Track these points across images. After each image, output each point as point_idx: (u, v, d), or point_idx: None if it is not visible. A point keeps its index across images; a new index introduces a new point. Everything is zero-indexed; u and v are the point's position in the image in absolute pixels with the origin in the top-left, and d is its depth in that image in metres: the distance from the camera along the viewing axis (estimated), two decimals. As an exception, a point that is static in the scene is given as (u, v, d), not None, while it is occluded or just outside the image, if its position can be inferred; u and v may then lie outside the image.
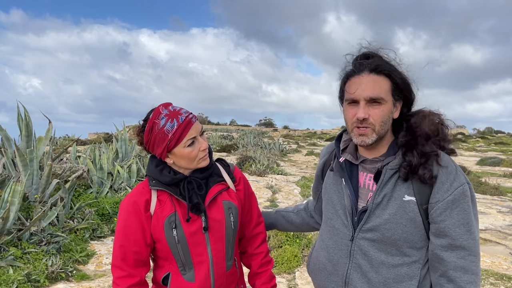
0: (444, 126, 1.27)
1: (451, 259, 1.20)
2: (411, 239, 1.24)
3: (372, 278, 1.27)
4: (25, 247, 3.89)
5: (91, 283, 3.67)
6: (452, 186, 1.18)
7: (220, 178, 1.43)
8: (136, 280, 1.33)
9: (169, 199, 1.34)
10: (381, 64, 1.23)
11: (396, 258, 1.26)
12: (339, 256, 1.34)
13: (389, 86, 1.23)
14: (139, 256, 1.34)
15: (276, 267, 4.10)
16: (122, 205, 1.36)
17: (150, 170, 1.37)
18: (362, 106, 1.22)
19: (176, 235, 1.31)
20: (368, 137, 1.23)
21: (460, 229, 1.18)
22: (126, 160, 8.08)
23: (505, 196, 9.09)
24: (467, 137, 40.55)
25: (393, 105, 1.25)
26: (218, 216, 1.37)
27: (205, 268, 1.35)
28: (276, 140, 25.96)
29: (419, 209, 1.21)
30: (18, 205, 4.08)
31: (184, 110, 1.33)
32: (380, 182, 1.24)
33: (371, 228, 1.26)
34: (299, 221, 1.70)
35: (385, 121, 1.23)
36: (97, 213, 5.30)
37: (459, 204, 1.18)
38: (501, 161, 17.20)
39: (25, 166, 4.84)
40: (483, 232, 5.85)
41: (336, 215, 1.37)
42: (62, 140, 19.47)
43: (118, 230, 1.35)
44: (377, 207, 1.25)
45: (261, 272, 1.54)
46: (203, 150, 1.34)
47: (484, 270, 4.27)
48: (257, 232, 1.56)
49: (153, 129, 1.30)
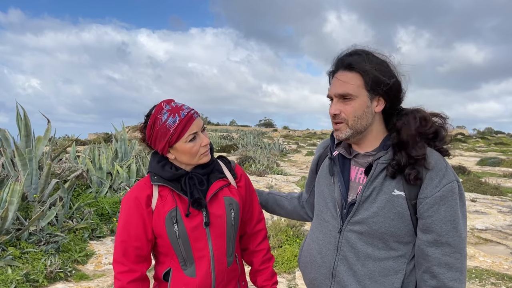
0: (442, 129, 1.28)
1: (436, 255, 1.21)
2: (397, 233, 1.25)
3: (358, 270, 1.28)
4: (24, 247, 3.87)
5: (90, 283, 3.65)
6: (441, 182, 1.19)
7: (221, 174, 1.44)
8: (137, 275, 1.34)
9: (170, 195, 1.35)
10: (353, 62, 1.25)
11: (382, 252, 1.27)
12: (328, 248, 1.36)
13: (361, 82, 1.24)
14: (140, 252, 1.35)
15: (276, 267, 4.08)
16: (124, 201, 1.37)
17: (152, 166, 1.39)
18: (334, 102, 1.29)
19: (177, 230, 1.32)
20: (341, 131, 1.28)
21: (446, 226, 1.19)
22: (125, 160, 8.07)
23: (505, 196, 9.09)
24: (467, 138, 40.58)
25: (369, 100, 1.25)
26: (219, 211, 1.38)
27: (206, 263, 1.36)
28: (276, 140, 25.96)
29: (408, 204, 1.22)
30: (17, 205, 4.06)
31: (186, 106, 1.34)
32: (370, 175, 1.25)
33: (359, 221, 1.28)
34: (291, 208, 1.72)
35: (358, 116, 1.25)
36: (96, 213, 5.29)
37: (447, 200, 1.18)
38: (501, 161, 17.21)
39: (24, 165, 4.83)
40: (484, 232, 5.84)
41: (326, 207, 1.39)
42: (62, 140, 19.46)
43: (120, 226, 1.36)
44: (365, 200, 1.26)
45: (263, 269, 1.55)
46: (204, 145, 1.35)
47: (485, 270, 4.25)
48: (258, 229, 1.57)
49: (155, 124, 1.32)
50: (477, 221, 6.32)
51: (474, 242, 5.36)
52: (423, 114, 1.26)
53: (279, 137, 37.56)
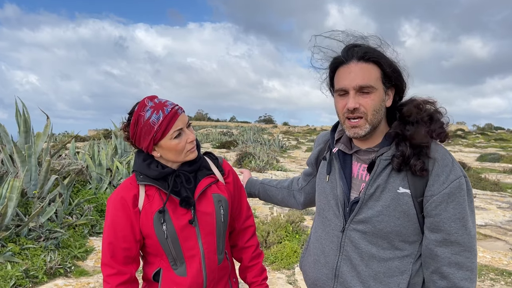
0: (439, 114, 1.23)
1: (445, 255, 1.16)
2: (403, 233, 1.20)
3: (362, 271, 1.24)
4: (24, 243, 3.87)
5: (90, 279, 3.65)
6: (448, 179, 1.14)
7: (209, 171, 1.41)
8: (127, 277, 1.31)
9: (157, 194, 1.32)
10: (368, 51, 1.19)
11: (387, 252, 1.22)
12: (330, 248, 1.32)
13: (379, 74, 1.20)
14: (128, 253, 1.31)
15: (276, 263, 4.09)
16: (110, 201, 1.33)
17: (137, 165, 1.34)
18: (352, 95, 1.19)
19: (166, 230, 1.29)
20: (361, 128, 1.20)
21: (455, 224, 1.15)
22: (125, 156, 8.07)
23: (505, 192, 9.10)
24: (467, 134, 40.56)
25: (384, 93, 1.22)
26: (208, 209, 1.35)
27: (196, 262, 1.34)
28: (276, 137, 25.94)
29: (414, 202, 1.18)
30: (16, 201, 4.06)
31: (170, 102, 1.30)
32: (373, 172, 1.21)
33: (363, 220, 1.23)
34: (280, 197, 1.74)
35: (377, 110, 1.20)
36: (96, 209, 5.29)
37: (455, 198, 1.14)
38: (500, 157, 17.20)
39: (23, 162, 4.82)
40: (483, 227, 5.85)
41: (328, 205, 1.35)
42: (61, 136, 19.45)
43: (107, 227, 1.32)
44: (369, 198, 1.22)
45: (252, 265, 1.54)
46: (190, 142, 1.31)
47: (484, 266, 4.26)
48: (247, 225, 1.55)
49: (139, 121, 1.27)
50: (476, 217, 6.30)
51: (473, 237, 5.37)
52: (417, 102, 1.23)
53: (279, 133, 37.55)
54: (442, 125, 1.21)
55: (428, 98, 1.25)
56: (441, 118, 1.22)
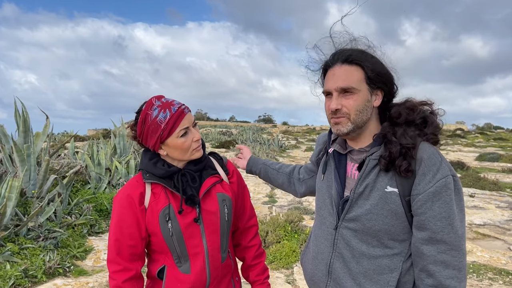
0: (434, 116, 1.25)
1: (431, 253, 1.18)
2: (392, 231, 1.23)
3: (353, 268, 1.27)
4: (23, 243, 3.88)
5: (89, 278, 3.66)
6: (435, 178, 1.15)
7: (213, 170, 1.44)
8: (132, 274, 1.34)
9: (163, 192, 1.34)
10: (352, 54, 1.23)
11: (377, 250, 1.25)
12: (325, 245, 1.36)
13: (363, 75, 1.23)
14: (134, 250, 1.34)
15: (274, 262, 4.09)
16: (116, 199, 1.36)
17: (143, 163, 1.38)
18: (335, 97, 1.24)
19: (171, 228, 1.31)
20: (343, 125, 1.25)
21: (441, 223, 1.15)
22: (124, 155, 8.07)
23: (503, 192, 9.11)
24: (466, 133, 40.61)
25: (369, 94, 1.24)
26: (212, 208, 1.38)
27: (200, 260, 1.36)
28: (275, 136, 25.96)
29: (402, 201, 1.19)
30: (15, 201, 4.06)
31: (177, 102, 1.34)
32: (362, 172, 1.24)
33: (353, 218, 1.27)
34: (280, 181, 1.78)
35: (360, 110, 1.23)
36: (95, 209, 5.29)
37: (441, 196, 1.15)
38: (500, 156, 17.22)
39: (23, 161, 4.82)
40: (482, 227, 5.86)
41: (324, 204, 1.39)
42: (61, 136, 19.44)
43: (113, 224, 1.35)
44: (359, 197, 1.25)
45: (255, 264, 1.57)
46: (196, 140, 1.35)
47: (483, 265, 4.27)
48: (250, 225, 1.59)
49: (146, 120, 1.31)
50: (475, 216, 6.34)
51: (472, 237, 5.37)
52: (411, 103, 1.25)
53: (279, 133, 37.56)
54: (436, 129, 1.24)
55: (425, 99, 1.27)
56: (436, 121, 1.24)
